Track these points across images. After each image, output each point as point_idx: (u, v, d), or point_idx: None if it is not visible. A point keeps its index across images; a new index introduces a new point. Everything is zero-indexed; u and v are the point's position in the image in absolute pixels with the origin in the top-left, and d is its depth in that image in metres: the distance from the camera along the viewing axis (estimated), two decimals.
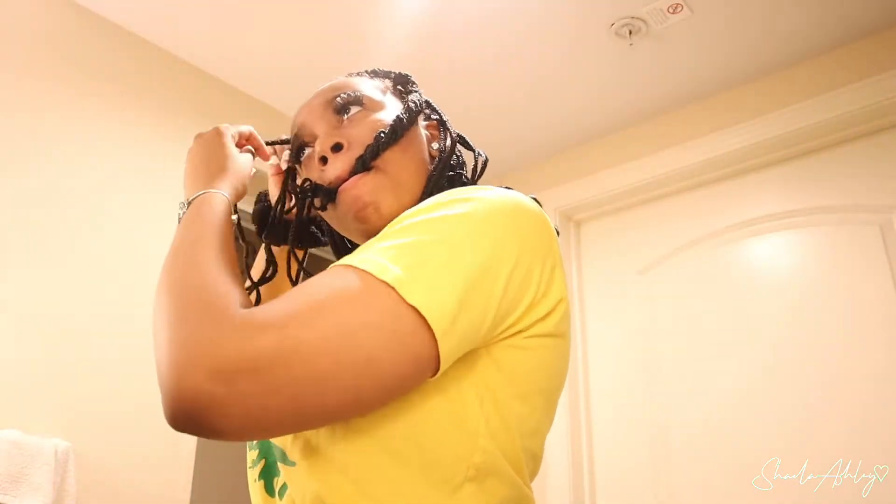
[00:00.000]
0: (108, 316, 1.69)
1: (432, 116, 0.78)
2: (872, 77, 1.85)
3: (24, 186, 1.63)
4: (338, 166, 0.69)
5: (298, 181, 0.77)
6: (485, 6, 1.82)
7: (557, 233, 0.64)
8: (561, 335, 0.62)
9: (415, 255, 0.53)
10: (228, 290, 0.52)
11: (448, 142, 0.75)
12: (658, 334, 2.14)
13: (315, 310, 0.49)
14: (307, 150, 0.74)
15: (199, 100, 2.06)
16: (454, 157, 0.76)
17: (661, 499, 1.97)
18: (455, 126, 0.81)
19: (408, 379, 0.51)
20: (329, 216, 0.73)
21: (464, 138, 0.80)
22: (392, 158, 0.69)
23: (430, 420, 0.56)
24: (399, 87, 0.79)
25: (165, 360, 0.48)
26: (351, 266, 0.53)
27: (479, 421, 0.57)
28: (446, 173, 0.74)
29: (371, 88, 0.76)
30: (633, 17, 1.85)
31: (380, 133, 0.69)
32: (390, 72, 0.82)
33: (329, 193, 0.70)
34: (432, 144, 0.76)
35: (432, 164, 0.74)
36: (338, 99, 0.73)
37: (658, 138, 2.24)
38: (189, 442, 1.76)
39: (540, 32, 1.91)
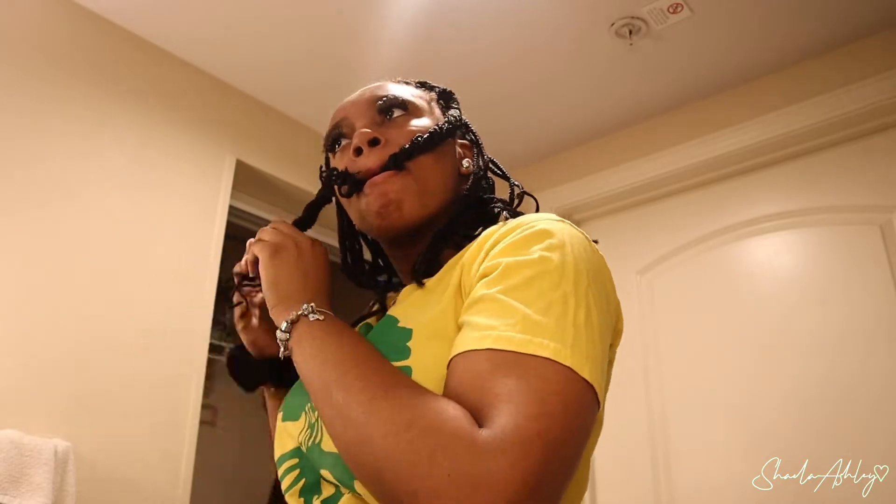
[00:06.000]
0: (109, 316, 1.69)
1: (467, 136, 0.81)
2: (872, 77, 1.85)
3: (25, 185, 1.62)
4: (371, 159, 0.71)
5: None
6: (485, 6, 1.81)
7: None
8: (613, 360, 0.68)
9: (576, 329, 0.55)
10: (455, 413, 0.50)
11: (481, 163, 0.78)
12: (658, 334, 2.14)
13: (538, 403, 0.49)
14: (343, 142, 0.77)
15: (199, 98, 2.06)
16: (485, 180, 0.79)
17: (660, 498, 1.97)
18: None
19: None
20: (350, 207, 0.75)
21: (496, 163, 0.83)
22: (424, 164, 0.72)
23: None
24: (441, 101, 0.82)
25: None
26: (514, 352, 0.52)
27: None
28: (478, 194, 0.76)
29: (415, 97, 0.79)
30: (633, 17, 1.85)
31: (417, 137, 0.72)
32: (435, 86, 0.84)
33: (357, 183, 0.72)
34: (462, 162, 0.78)
35: (461, 181, 0.77)
36: (383, 100, 0.76)
37: (658, 138, 2.24)
38: (189, 441, 1.76)
39: (540, 32, 1.91)
